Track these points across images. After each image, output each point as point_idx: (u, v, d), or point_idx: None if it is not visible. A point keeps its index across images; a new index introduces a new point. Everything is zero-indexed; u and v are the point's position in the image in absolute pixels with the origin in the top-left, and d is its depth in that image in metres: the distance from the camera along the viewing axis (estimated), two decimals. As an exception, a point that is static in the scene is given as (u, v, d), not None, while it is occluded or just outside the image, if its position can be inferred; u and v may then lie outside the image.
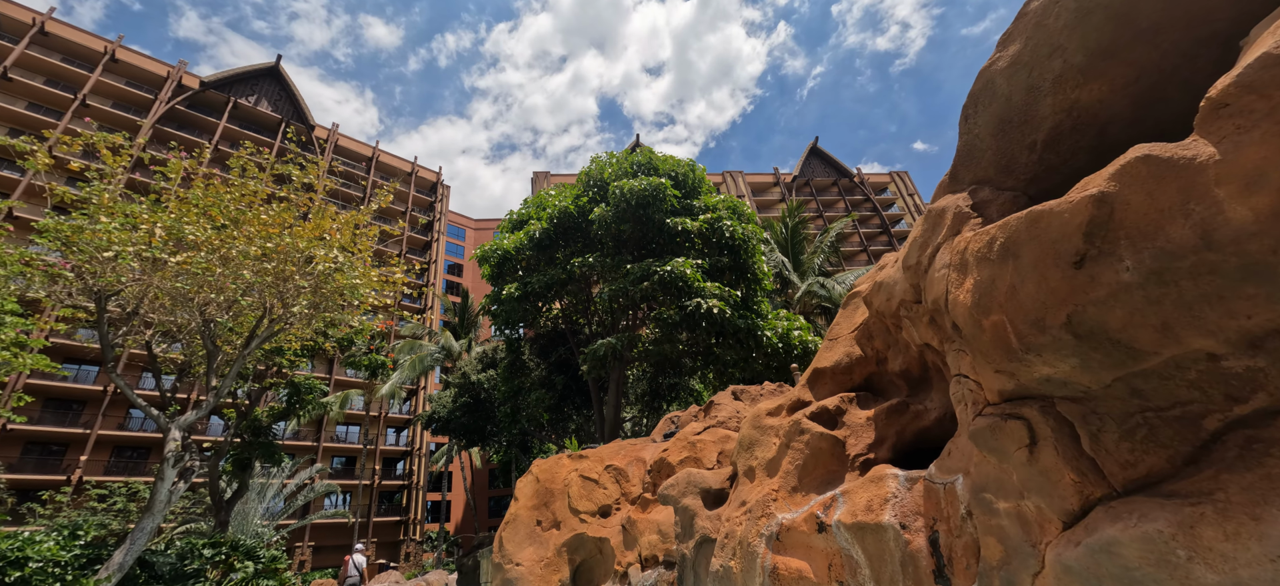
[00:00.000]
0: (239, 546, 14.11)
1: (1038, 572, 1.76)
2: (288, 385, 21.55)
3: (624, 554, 5.46)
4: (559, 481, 6.83)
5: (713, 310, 12.30)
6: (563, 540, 6.16)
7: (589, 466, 6.77)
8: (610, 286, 13.07)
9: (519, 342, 18.21)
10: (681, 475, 4.19)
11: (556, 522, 6.46)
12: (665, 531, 5.04)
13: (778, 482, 3.13)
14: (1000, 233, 1.82)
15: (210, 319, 11.36)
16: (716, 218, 14.26)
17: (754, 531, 2.94)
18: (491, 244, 15.82)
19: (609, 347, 12.68)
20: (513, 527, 6.68)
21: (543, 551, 6.25)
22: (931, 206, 2.52)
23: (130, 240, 9.34)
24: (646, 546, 5.19)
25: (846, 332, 3.68)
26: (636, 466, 6.54)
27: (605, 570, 5.79)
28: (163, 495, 9.50)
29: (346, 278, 11.31)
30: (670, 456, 6.00)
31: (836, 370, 3.56)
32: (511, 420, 17.44)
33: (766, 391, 7.38)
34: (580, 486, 6.55)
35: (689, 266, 12.77)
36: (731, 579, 2.99)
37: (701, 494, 4.02)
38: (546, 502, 6.72)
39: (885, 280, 3.06)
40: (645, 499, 5.77)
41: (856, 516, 2.43)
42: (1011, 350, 1.79)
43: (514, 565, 6.26)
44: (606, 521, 6.08)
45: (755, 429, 3.62)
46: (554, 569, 6.04)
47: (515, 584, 6.08)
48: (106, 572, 8.81)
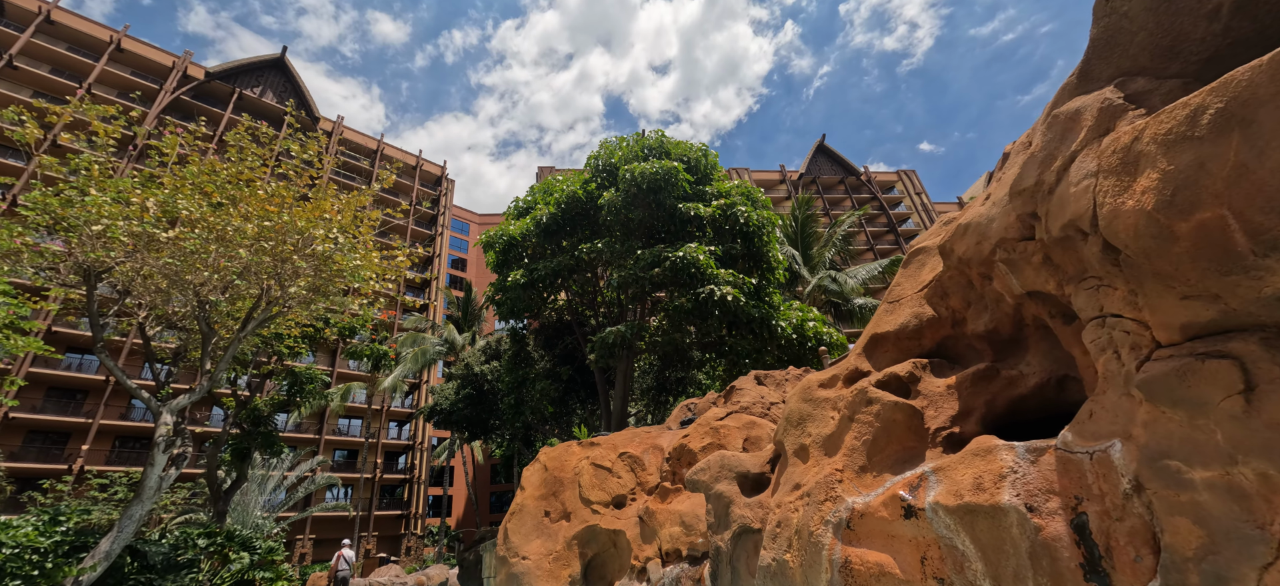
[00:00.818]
0: (234, 537, 13.71)
1: (1270, 563, 1.26)
2: (288, 375, 21.20)
3: (641, 547, 4.97)
4: (569, 470, 6.35)
5: (727, 298, 11.78)
6: (573, 532, 5.68)
7: (601, 454, 6.28)
8: (620, 273, 12.57)
9: (523, 333, 17.74)
10: (713, 458, 3.70)
11: (566, 513, 5.97)
12: (689, 523, 4.55)
13: (840, 461, 2.62)
14: (1212, 99, 1.31)
15: (205, 300, 10.93)
16: (730, 203, 13.73)
17: (816, 519, 2.44)
18: (497, 229, 15.33)
19: (619, 335, 12.18)
20: (519, 518, 6.20)
21: (551, 544, 5.76)
22: (1057, 111, 2.01)
23: (121, 214, 8.91)
24: (667, 539, 4.69)
25: (912, 292, 3.16)
26: (653, 454, 6.05)
27: (620, 564, 5.30)
28: (152, 481, 9.08)
29: (347, 260, 10.85)
30: (691, 443, 5.50)
31: (902, 334, 3.05)
32: (515, 412, 16.97)
33: (791, 376, 6.87)
34: (592, 475, 6.06)
35: (702, 252, 12.25)
36: (787, 576, 2.49)
37: (738, 479, 3.52)
38: (555, 492, 6.24)
39: (974, 220, 2.55)
40: (664, 488, 5.27)
41: (962, 497, 1.92)
42: (1231, 257, 1.28)
43: (520, 558, 5.78)
44: (621, 512, 5.59)
45: (807, 402, 3.11)
46: (563, 563, 5.55)
47: (521, 578, 5.60)
48: (91, 561, 8.39)
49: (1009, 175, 2.43)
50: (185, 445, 10.39)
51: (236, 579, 13.12)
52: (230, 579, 12.97)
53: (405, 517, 47.02)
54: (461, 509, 54.57)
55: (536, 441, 26.78)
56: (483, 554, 10.30)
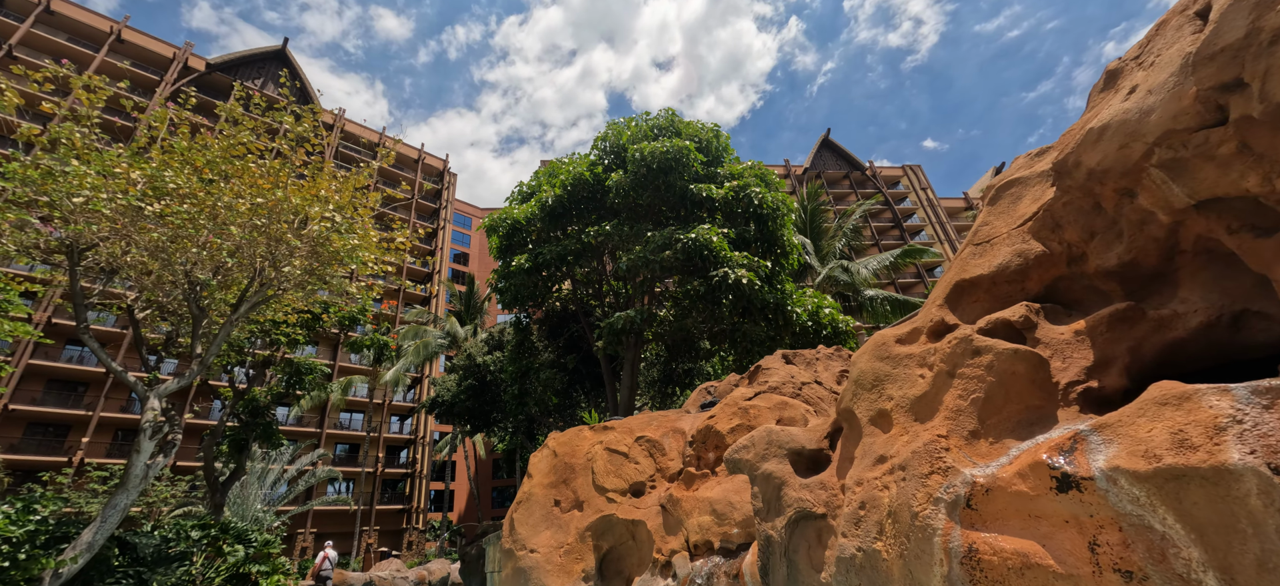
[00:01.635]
0: (229, 529, 13.24)
1: None
2: (287, 365, 20.75)
3: (664, 539, 4.45)
4: (580, 455, 5.82)
5: (742, 281, 11.23)
6: (586, 523, 5.15)
7: (616, 438, 5.75)
8: (629, 256, 12.03)
9: (527, 322, 17.23)
10: (759, 433, 3.16)
11: (578, 502, 5.45)
12: (721, 511, 4.02)
13: (941, 426, 2.08)
14: None
15: (196, 281, 10.43)
16: (743, 185, 13.17)
17: (920, 497, 1.89)
18: (501, 213, 14.80)
19: (629, 320, 11.65)
20: (526, 508, 5.67)
21: (562, 535, 5.24)
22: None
23: (104, 186, 8.40)
24: (696, 529, 4.16)
25: (1008, 229, 2.61)
26: (674, 438, 5.52)
27: (640, 558, 4.77)
28: (138, 469, 8.59)
29: (344, 239, 10.34)
30: (718, 424, 4.96)
31: (1001, 277, 2.50)
32: (519, 403, 16.47)
33: (822, 355, 6.33)
34: (606, 461, 5.53)
35: (715, 233, 11.70)
36: (879, 570, 1.95)
37: (790, 456, 2.98)
38: (566, 480, 5.71)
39: (1115, 119, 1.99)
40: (690, 473, 4.73)
41: (1159, 459, 1.37)
42: None
43: (527, 552, 5.26)
44: (640, 501, 5.06)
45: (882, 361, 2.57)
46: (576, 556, 5.03)
47: (530, 573, 5.07)
48: (72, 552, 7.91)
49: (1172, 50, 1.88)
50: (175, 432, 9.90)
51: (231, 572, 12.67)
52: (225, 572, 12.51)
53: (407, 512, 46.69)
54: (463, 504, 54.24)
55: (539, 435, 26.30)
56: (486, 547, 9.81)
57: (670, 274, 12.48)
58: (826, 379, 5.88)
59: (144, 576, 10.32)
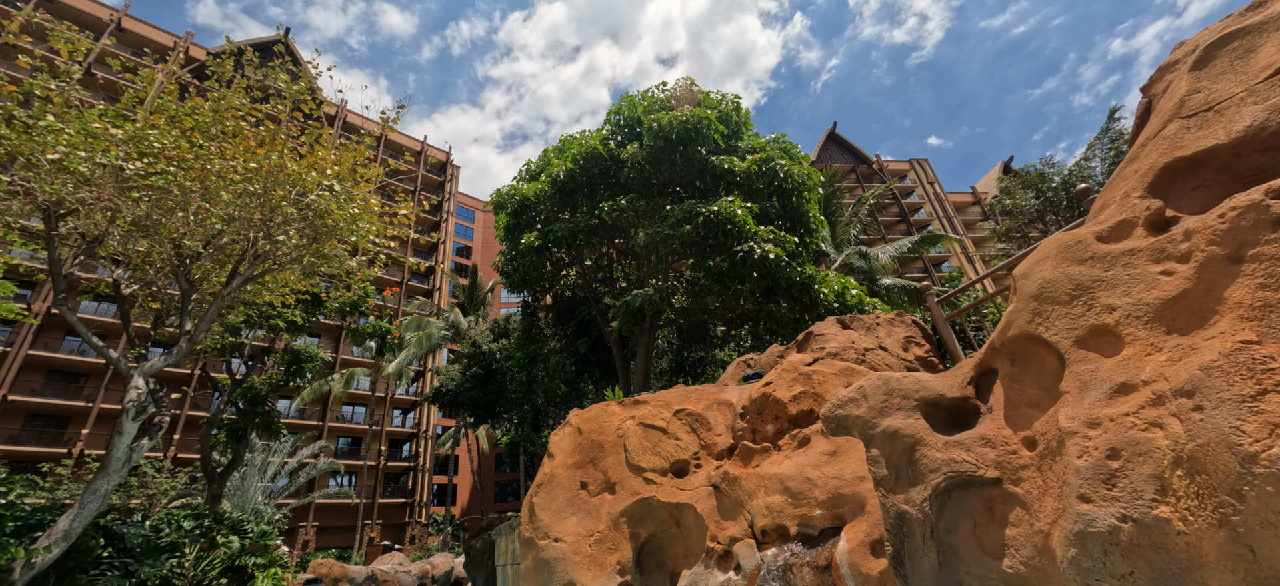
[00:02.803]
0: (223, 519, 12.58)
1: None
2: (286, 352, 20.12)
3: (720, 525, 3.72)
4: (610, 432, 5.10)
5: (769, 256, 10.48)
6: (621, 507, 4.43)
7: (651, 412, 5.02)
8: (647, 231, 11.28)
9: (535, 306, 16.51)
10: (872, 382, 2.42)
11: (609, 485, 4.72)
12: (797, 490, 3.29)
13: (1235, 330, 1.34)
14: None
15: (186, 254, 9.74)
16: (766, 158, 12.39)
17: (1254, 429, 1.16)
18: (509, 189, 14.06)
19: (646, 298, 10.91)
20: (548, 491, 4.96)
21: (592, 522, 4.52)
22: None
23: (83, 144, 7.70)
24: (763, 512, 3.44)
25: (1249, 84, 1.87)
26: (719, 411, 4.79)
27: (687, 547, 4.05)
28: (120, 452, 7.91)
29: (344, 209, 9.63)
30: (777, 392, 4.23)
31: (1246, 146, 1.76)
32: (526, 391, 15.76)
33: (882, 320, 5.59)
34: (641, 437, 4.81)
35: (739, 206, 10.94)
36: (1171, 546, 1.22)
37: (923, 408, 2.25)
38: (593, 459, 4.98)
39: None
40: (747, 448, 4.00)
41: None
42: None
43: (551, 541, 4.54)
44: (684, 482, 4.33)
45: (1083, 264, 1.82)
46: (608, 546, 4.31)
47: (555, 565, 4.36)
48: (46, 540, 7.23)
49: None
50: (163, 413, 9.23)
51: (226, 564, 12.02)
52: (220, 564, 11.87)
53: (409, 506, 46.18)
54: (466, 498, 53.76)
55: (546, 427, 25.60)
56: (495, 539, 9.11)
57: (690, 250, 11.72)
58: (892, 345, 5.14)
59: (131, 568, 9.66)
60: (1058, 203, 29.58)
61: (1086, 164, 31.27)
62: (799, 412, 4.12)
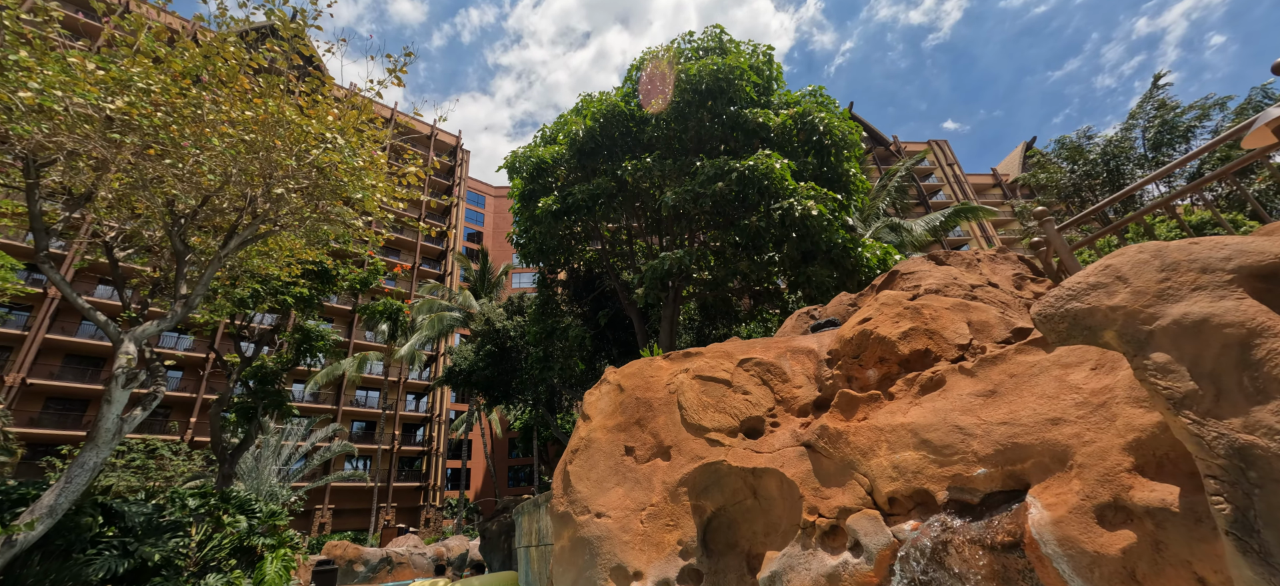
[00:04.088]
0: (231, 498, 11.99)
1: None
2: (296, 330, 19.60)
3: (821, 493, 2.86)
4: (658, 388, 4.24)
5: (811, 212, 9.51)
6: (680, 475, 3.59)
7: (709, 364, 4.15)
8: (675, 190, 10.36)
9: (552, 279, 15.69)
10: (1129, 255, 1.52)
11: (661, 448, 3.88)
12: (942, 441, 2.42)
13: None
14: None
15: (180, 214, 9.02)
16: (803, 111, 11.36)
17: None
18: (524, 150, 13.17)
19: (676, 261, 10.01)
20: (586, 458, 4.13)
21: (642, 493, 3.69)
22: None
23: (58, 81, 6.94)
24: (889, 474, 2.57)
25: None
26: (796, 360, 3.91)
27: (771, 522, 3.20)
28: (109, 422, 7.24)
29: (349, 161, 8.82)
30: (880, 328, 3.33)
31: None
32: (543, 367, 15.00)
33: (984, 257, 4.65)
34: (700, 392, 3.95)
35: (778, 160, 9.96)
36: None
37: (1247, 281, 1.35)
38: (640, 420, 4.14)
39: None
40: (848, 398, 3.12)
41: None
42: None
43: (592, 516, 3.72)
44: (759, 443, 3.47)
45: None
46: (666, 521, 3.48)
47: (598, 545, 3.54)
48: (29, 516, 6.60)
49: None
50: (159, 383, 8.56)
51: (235, 545, 11.47)
52: (227, 545, 11.31)
53: (423, 489, 46.18)
54: (480, 482, 53.76)
55: (561, 409, 24.92)
56: (515, 518, 8.37)
57: (722, 210, 10.78)
58: (1002, 282, 4.21)
59: (130, 547, 9.08)
60: (1096, 174, 28.05)
61: (1127, 134, 29.62)
62: (912, 353, 3.23)
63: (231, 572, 10.85)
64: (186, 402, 40.66)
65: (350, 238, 11.24)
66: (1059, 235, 4.21)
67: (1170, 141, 27.65)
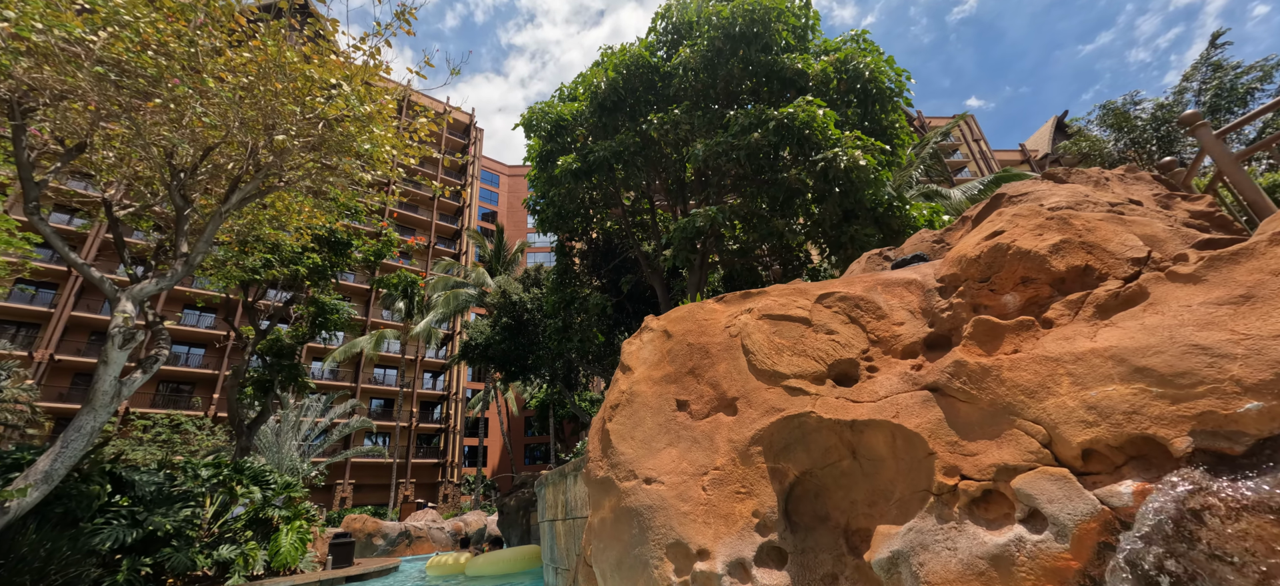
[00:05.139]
0: (244, 469, 11.65)
1: None
2: (311, 303, 19.29)
3: (962, 449, 2.12)
4: (715, 331, 3.51)
5: (858, 163, 8.61)
6: (752, 432, 2.87)
7: (778, 302, 3.41)
8: (706, 143, 9.52)
9: (571, 247, 15.00)
10: None
11: (725, 401, 3.16)
12: (1172, 369, 1.66)
13: None
14: None
15: (179, 168, 8.45)
16: (846, 57, 10.37)
17: None
18: (541, 106, 12.37)
19: (709, 218, 9.22)
20: (629, 415, 3.43)
21: (702, 454, 2.98)
22: None
23: (38, 12, 6.34)
24: (1078, 418, 1.82)
25: None
26: (892, 293, 3.14)
27: (881, 487, 2.48)
28: (106, 384, 6.76)
29: (354, 107, 8.14)
30: (1020, 241, 2.55)
31: None
32: (561, 338, 14.39)
33: (1113, 175, 3.80)
34: (771, 334, 3.21)
35: (820, 106, 9.05)
36: None
37: None
38: (694, 369, 3.42)
39: None
40: (989, 325, 2.36)
41: None
42: None
43: (640, 483, 3.03)
44: (856, 390, 2.74)
45: None
46: (737, 488, 2.77)
47: (651, 515, 2.86)
48: (23, 482, 6.17)
49: None
50: (160, 347, 8.10)
51: (251, 516, 11.15)
52: (244, 516, 10.99)
53: (441, 466, 46.57)
54: (496, 459, 54.12)
55: (578, 385, 24.42)
56: (537, 492, 7.81)
57: (757, 165, 9.91)
58: (1146, 200, 3.37)
59: (139, 517, 8.74)
60: (1145, 141, 26.30)
61: (1180, 98, 27.69)
62: (1068, 271, 2.45)
63: (246, 544, 10.53)
64: (209, 379, 41.19)
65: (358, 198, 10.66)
66: (1220, 143, 3.34)
67: (1228, 105, 25.76)
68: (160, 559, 8.53)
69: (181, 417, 32.05)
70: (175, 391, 41.20)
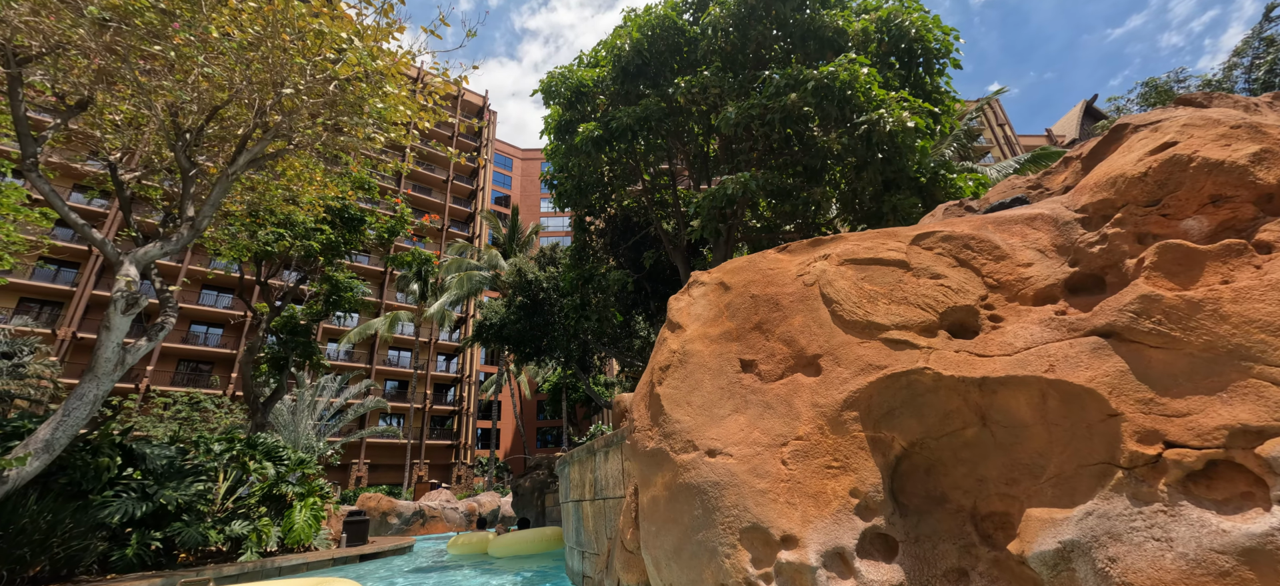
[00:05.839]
0: (257, 444, 11.40)
1: None
2: (325, 280, 19.07)
3: (1162, 408, 1.59)
4: (785, 281, 2.98)
5: (907, 124, 7.94)
6: (845, 394, 2.35)
7: (864, 246, 2.86)
8: (738, 106, 8.89)
9: (589, 222, 14.48)
10: None
11: (804, 359, 2.63)
12: None
13: None
14: None
15: (185, 129, 8.05)
16: (888, 15, 9.62)
17: None
18: (563, 70, 11.78)
19: (741, 185, 8.62)
20: (682, 376, 2.92)
21: (779, 421, 2.47)
22: None
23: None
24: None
25: None
26: (1011, 231, 2.59)
27: (1024, 461, 1.94)
28: (109, 351, 6.43)
29: (366, 62, 7.64)
30: (1204, 151, 1.96)
31: None
32: (578, 316, 13.93)
33: (1259, 101, 3.17)
34: (859, 280, 2.67)
35: (864, 64, 8.36)
36: None
37: None
38: (761, 324, 2.89)
39: None
40: (1185, 253, 1.81)
41: None
42: None
43: (704, 455, 2.53)
44: (980, 343, 2.20)
45: None
46: (828, 461, 2.26)
47: (720, 493, 2.35)
48: (23, 450, 5.87)
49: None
50: (167, 314, 7.77)
51: (264, 492, 10.93)
52: (258, 492, 10.77)
53: (455, 448, 46.83)
54: (509, 442, 54.37)
55: (593, 367, 24.02)
56: (559, 471, 7.38)
57: (792, 129, 9.27)
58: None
59: (150, 490, 8.49)
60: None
61: (1228, 73, 26.21)
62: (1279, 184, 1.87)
63: (259, 519, 10.29)
64: (227, 359, 41.61)
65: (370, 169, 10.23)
66: None
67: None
68: (171, 533, 8.29)
69: (201, 396, 32.41)
70: (195, 371, 41.75)
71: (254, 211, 11.99)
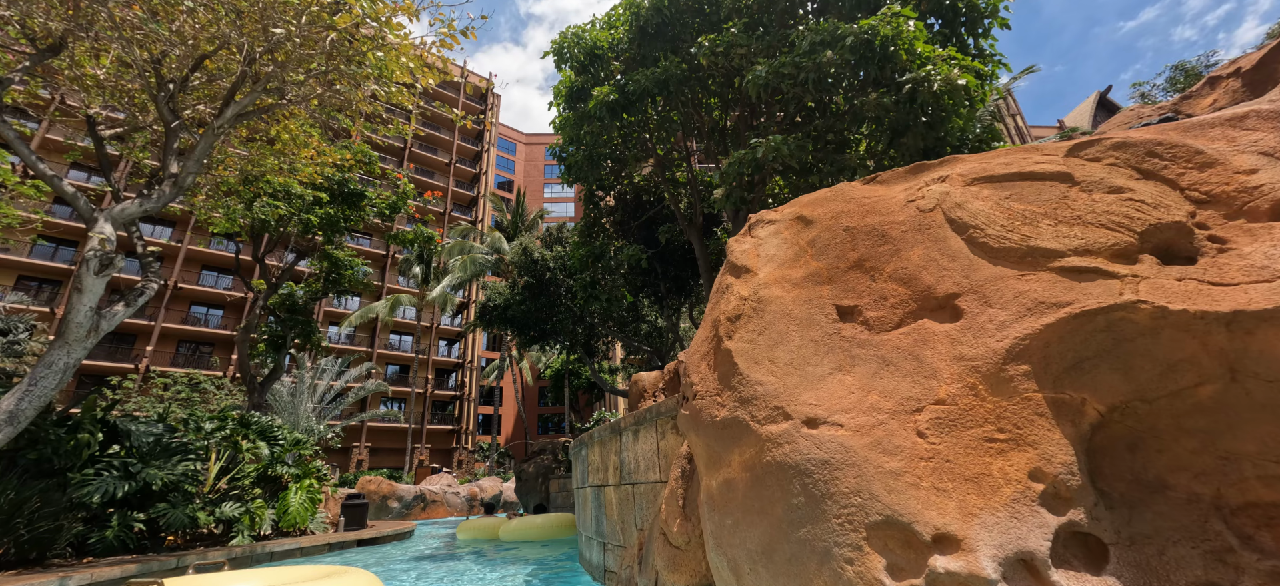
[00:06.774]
0: (251, 424, 10.83)
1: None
2: (325, 258, 18.45)
3: None
4: (893, 209, 2.34)
5: (956, 83, 7.24)
6: (1007, 341, 1.72)
7: (996, 163, 2.22)
8: (768, 65, 8.19)
9: (599, 196, 13.80)
10: None
11: (931, 300, 2.01)
12: None
13: None
14: None
15: (168, 78, 7.37)
16: (930, -31, 8.86)
17: None
18: (575, 31, 11.03)
19: (773, 149, 7.95)
20: (759, 328, 2.29)
21: (906, 380, 1.84)
22: None
23: None
24: None
25: None
26: (1213, 134, 1.95)
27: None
28: (81, 315, 5.82)
29: (366, 8, 6.95)
30: None
31: None
32: (588, 295, 13.30)
33: None
34: (1005, 198, 2.04)
35: (909, 18, 7.65)
36: None
37: None
38: (863, 262, 2.26)
39: None
40: None
41: None
42: None
43: (801, 426, 1.90)
44: (1210, 269, 1.57)
45: None
46: (990, 431, 1.64)
47: (833, 476, 1.73)
48: (-16, 422, 5.30)
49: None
50: (149, 280, 7.15)
51: (258, 473, 10.39)
52: (252, 472, 10.23)
53: (456, 433, 46.54)
54: (510, 428, 54.10)
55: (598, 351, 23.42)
56: (574, 455, 6.80)
57: (825, 91, 8.57)
58: None
59: (133, 468, 7.93)
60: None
61: (1260, 57, 25.24)
62: None
63: (253, 501, 9.74)
64: (227, 340, 41.16)
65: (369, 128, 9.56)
66: None
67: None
68: (155, 514, 7.74)
69: (200, 377, 31.95)
70: (195, 351, 41.35)
71: (248, 178, 11.34)
